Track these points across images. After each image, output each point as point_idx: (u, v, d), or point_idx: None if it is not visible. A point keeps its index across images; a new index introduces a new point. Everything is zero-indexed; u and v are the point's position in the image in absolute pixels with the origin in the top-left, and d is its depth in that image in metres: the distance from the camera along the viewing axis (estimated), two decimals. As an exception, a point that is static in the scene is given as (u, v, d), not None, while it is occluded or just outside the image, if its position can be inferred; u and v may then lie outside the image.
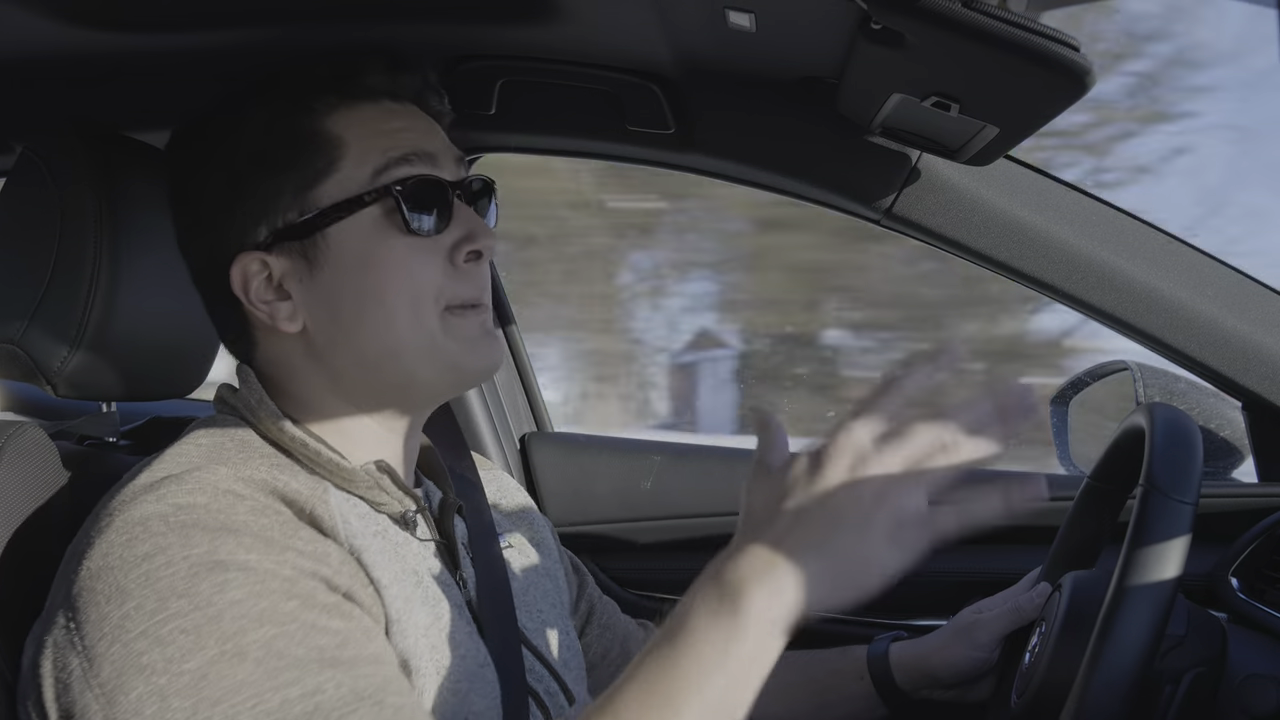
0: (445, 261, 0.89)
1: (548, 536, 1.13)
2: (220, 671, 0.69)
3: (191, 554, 0.73)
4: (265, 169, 0.88)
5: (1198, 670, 0.91)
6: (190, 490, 0.77)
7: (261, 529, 0.77)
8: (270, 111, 0.89)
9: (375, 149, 0.88)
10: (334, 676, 0.72)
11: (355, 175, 0.87)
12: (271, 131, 0.88)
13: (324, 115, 0.88)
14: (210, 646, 0.70)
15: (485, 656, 0.88)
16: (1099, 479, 1.10)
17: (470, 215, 0.91)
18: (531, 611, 1.00)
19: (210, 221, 0.90)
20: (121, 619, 0.71)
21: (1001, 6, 0.81)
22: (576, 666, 1.03)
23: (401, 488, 0.90)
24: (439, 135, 0.93)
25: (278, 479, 0.82)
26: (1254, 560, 1.17)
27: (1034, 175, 1.23)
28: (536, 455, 1.63)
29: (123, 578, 0.72)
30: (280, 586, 0.74)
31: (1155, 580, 0.81)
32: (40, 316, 0.96)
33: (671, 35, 1.06)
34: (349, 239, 0.87)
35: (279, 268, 0.88)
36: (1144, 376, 1.36)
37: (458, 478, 1.02)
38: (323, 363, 0.89)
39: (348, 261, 0.87)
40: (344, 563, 0.80)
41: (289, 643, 0.72)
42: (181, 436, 0.88)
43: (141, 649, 0.70)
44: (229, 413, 0.91)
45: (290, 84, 0.90)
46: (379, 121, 0.89)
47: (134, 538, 0.74)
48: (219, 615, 0.71)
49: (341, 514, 0.83)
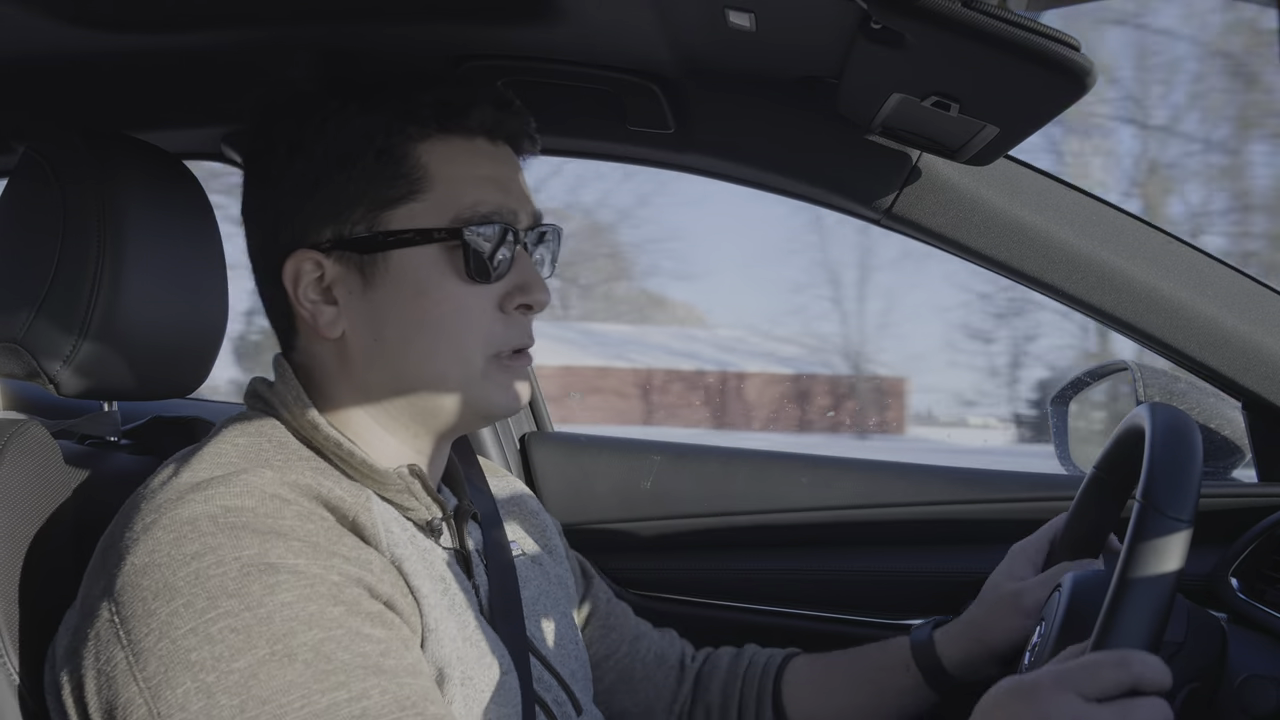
0: (495, 309, 0.90)
1: (557, 543, 1.13)
2: (270, 672, 0.71)
3: (243, 555, 0.74)
4: (348, 175, 0.88)
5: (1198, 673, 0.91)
6: (238, 493, 0.78)
7: (308, 534, 0.78)
8: (369, 121, 0.88)
9: (459, 197, 0.88)
10: (379, 683, 0.73)
11: (433, 213, 0.88)
12: (365, 141, 0.88)
13: (419, 141, 0.88)
14: (260, 646, 0.71)
15: (509, 663, 0.89)
16: (1103, 470, 1.10)
17: (528, 269, 0.91)
18: (540, 619, 1.01)
19: (278, 206, 0.90)
20: (170, 615, 0.72)
21: (1001, 6, 0.81)
22: (584, 676, 1.04)
23: (430, 494, 0.91)
24: (521, 182, 0.94)
25: (322, 484, 0.83)
26: (1254, 560, 1.17)
27: (1034, 175, 1.23)
28: (536, 455, 1.63)
29: (171, 575, 0.73)
30: (328, 591, 0.75)
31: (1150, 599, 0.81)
32: (43, 315, 0.96)
33: (671, 35, 1.06)
34: (409, 267, 0.87)
35: (333, 273, 0.88)
36: (1144, 376, 1.36)
37: (469, 481, 1.03)
38: (356, 374, 0.90)
39: (403, 288, 0.87)
40: (385, 571, 0.81)
41: (336, 647, 0.73)
42: (215, 434, 0.88)
43: (190, 645, 0.71)
44: (262, 408, 0.91)
45: (396, 100, 0.89)
46: (470, 164, 0.90)
47: (182, 536, 0.75)
48: (269, 616, 0.72)
49: (384, 522, 0.84)
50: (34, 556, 0.87)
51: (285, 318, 0.92)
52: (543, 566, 1.07)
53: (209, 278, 1.07)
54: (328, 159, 0.88)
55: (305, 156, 0.88)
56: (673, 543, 1.53)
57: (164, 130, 1.25)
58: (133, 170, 1.01)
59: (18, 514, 0.88)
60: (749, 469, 1.54)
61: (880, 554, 1.48)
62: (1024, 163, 1.23)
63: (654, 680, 1.18)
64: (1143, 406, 0.96)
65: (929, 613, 1.40)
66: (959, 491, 1.47)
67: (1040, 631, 1.01)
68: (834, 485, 1.51)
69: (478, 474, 1.06)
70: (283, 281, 0.89)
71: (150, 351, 1.02)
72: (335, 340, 0.89)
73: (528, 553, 1.06)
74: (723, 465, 1.55)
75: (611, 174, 13.14)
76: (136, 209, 0.99)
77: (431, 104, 0.89)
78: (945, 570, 1.42)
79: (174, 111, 1.26)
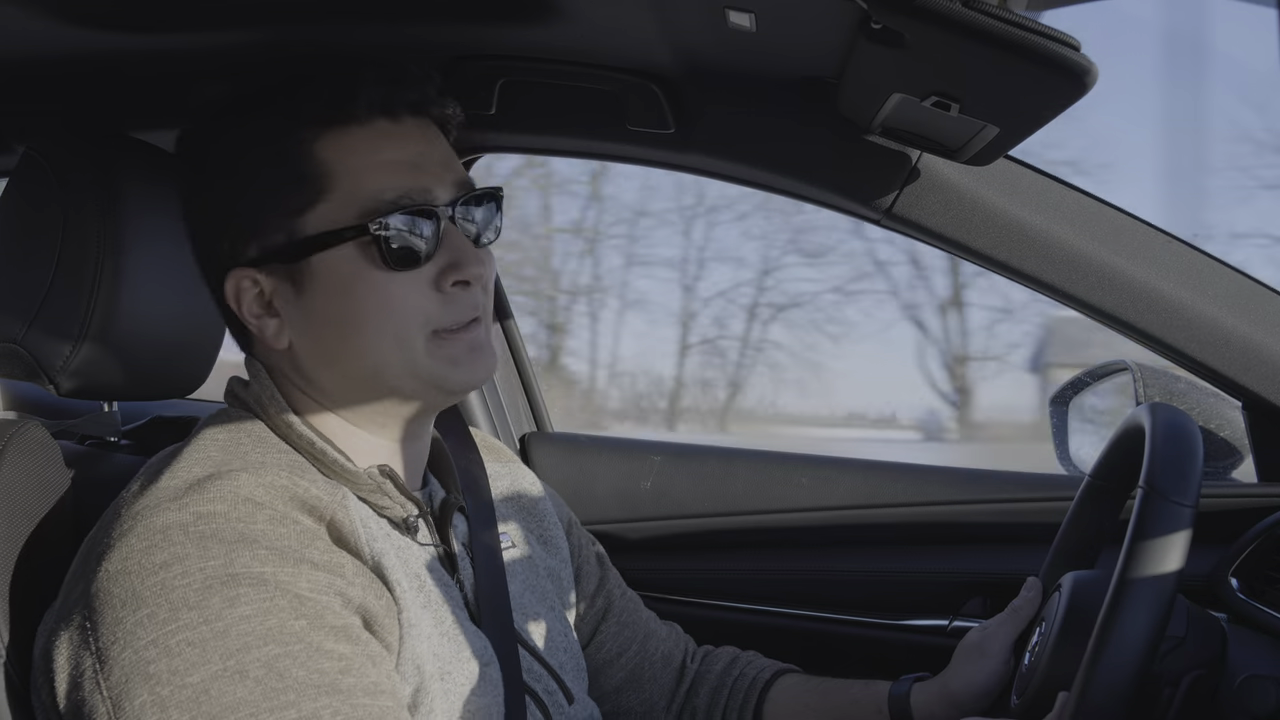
0: (430, 289, 0.88)
1: (556, 533, 1.12)
2: (221, 688, 0.70)
3: (207, 566, 0.74)
4: (255, 189, 0.88)
5: (1197, 673, 0.91)
6: (211, 499, 0.78)
7: (279, 539, 0.78)
8: (262, 131, 0.88)
9: (363, 188, 0.86)
10: (331, 704, 0.73)
11: (341, 211, 0.86)
12: (262, 152, 0.88)
13: (312, 142, 0.87)
14: (214, 661, 0.71)
15: (490, 655, 0.89)
16: (1100, 477, 1.10)
17: (459, 243, 0.89)
18: (526, 612, 1.00)
19: (206, 231, 0.91)
20: (135, 625, 0.72)
21: (1001, 6, 0.81)
22: (574, 667, 1.04)
23: (404, 492, 0.91)
24: (436, 153, 0.91)
25: (298, 484, 0.82)
26: (1254, 560, 1.17)
27: (1034, 175, 1.23)
28: (536, 455, 1.63)
29: (139, 584, 0.73)
30: (289, 604, 0.75)
31: (1155, 583, 0.81)
32: (43, 315, 0.96)
33: (671, 35, 1.06)
34: (331, 269, 0.87)
35: (268, 286, 0.89)
36: (1144, 376, 1.36)
37: (463, 472, 1.02)
38: (310, 378, 0.90)
39: (330, 290, 0.87)
40: (359, 574, 0.81)
41: (291, 663, 0.73)
42: (196, 433, 0.89)
43: (150, 657, 0.71)
44: (241, 407, 0.92)
45: (281, 104, 0.89)
46: (370, 151, 0.87)
47: (153, 545, 0.75)
48: (226, 631, 0.72)
49: (362, 520, 0.84)
50: (34, 557, 0.87)
51: (240, 332, 0.94)
52: (533, 559, 1.07)
53: (209, 278, 1.07)
54: (235, 174, 0.88)
55: (216, 174, 0.89)
56: (673, 543, 1.53)
57: (164, 130, 1.25)
58: (133, 170, 1.01)
59: (18, 514, 0.88)
60: (749, 469, 1.54)
61: (880, 554, 1.48)
62: (1024, 163, 1.23)
63: (659, 681, 1.18)
64: (1142, 407, 0.96)
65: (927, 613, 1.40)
66: (959, 491, 1.47)
67: (1040, 632, 1.01)
68: (834, 485, 1.51)
69: (476, 462, 1.05)
70: (226, 301, 0.90)
71: (150, 351, 1.02)
72: (284, 350, 0.90)
73: (517, 544, 1.06)
74: (723, 465, 1.55)
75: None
76: (136, 209, 0.99)
77: (315, 99, 0.88)
78: (945, 570, 1.42)
79: (174, 111, 1.25)
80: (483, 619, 0.92)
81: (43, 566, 0.88)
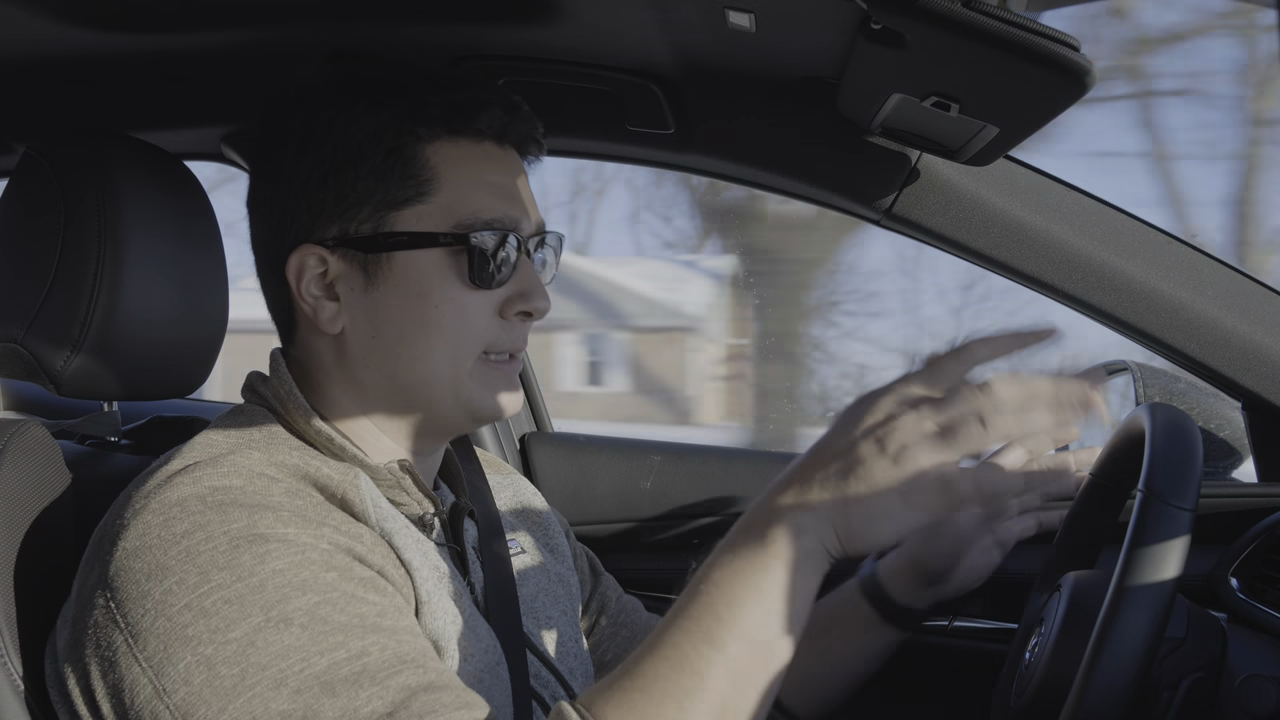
0: (495, 313, 0.90)
1: (561, 541, 1.13)
2: (267, 638, 0.71)
3: (231, 529, 0.75)
4: (355, 173, 0.88)
5: (1196, 676, 0.91)
6: (225, 473, 0.79)
7: (297, 508, 0.79)
8: (378, 120, 0.89)
9: (466, 202, 0.88)
10: (378, 640, 0.74)
11: (437, 217, 0.88)
12: (374, 140, 0.88)
13: (428, 143, 0.89)
14: (255, 615, 0.72)
15: (500, 656, 0.89)
16: (1100, 476, 1.10)
17: (531, 276, 0.92)
18: (539, 617, 1.01)
19: (285, 202, 0.91)
20: (164, 594, 0.73)
21: (1001, 6, 0.81)
22: (583, 673, 1.03)
23: (422, 489, 0.92)
24: (527, 189, 0.94)
25: (309, 464, 0.84)
26: (1254, 560, 1.17)
27: (1034, 175, 1.23)
28: (536, 455, 1.63)
29: (162, 555, 0.74)
30: (320, 558, 0.76)
31: (1153, 588, 0.81)
32: (43, 315, 0.96)
33: (671, 35, 1.06)
34: (413, 269, 0.88)
35: (336, 269, 0.89)
36: (1144, 376, 1.36)
37: (467, 480, 1.02)
38: (352, 370, 0.91)
39: (405, 289, 0.88)
40: (376, 544, 0.82)
41: (332, 609, 0.74)
42: (210, 425, 0.89)
43: (186, 621, 0.71)
44: (258, 403, 0.92)
45: (405, 100, 0.89)
46: (478, 167, 0.90)
47: (171, 518, 0.76)
48: (262, 585, 0.73)
49: (373, 498, 0.85)
50: (34, 556, 0.87)
51: (286, 311, 0.93)
52: (543, 564, 1.07)
53: (209, 278, 1.07)
54: (336, 157, 0.88)
55: (314, 153, 0.89)
56: (673, 543, 1.53)
57: (164, 130, 1.25)
58: (133, 170, 1.01)
59: (18, 514, 0.88)
60: (749, 469, 1.54)
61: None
62: (1024, 163, 1.23)
63: None
64: (1142, 407, 0.96)
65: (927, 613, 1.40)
66: None
67: (1040, 632, 1.01)
68: None
69: (477, 471, 1.06)
70: (286, 275, 0.89)
71: (150, 351, 1.02)
72: (334, 336, 0.90)
73: (527, 550, 1.06)
74: (723, 465, 1.55)
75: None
76: (136, 209, 0.99)
77: (440, 105, 0.89)
78: None
79: (174, 111, 1.26)
80: (493, 622, 0.92)
81: (43, 566, 0.88)
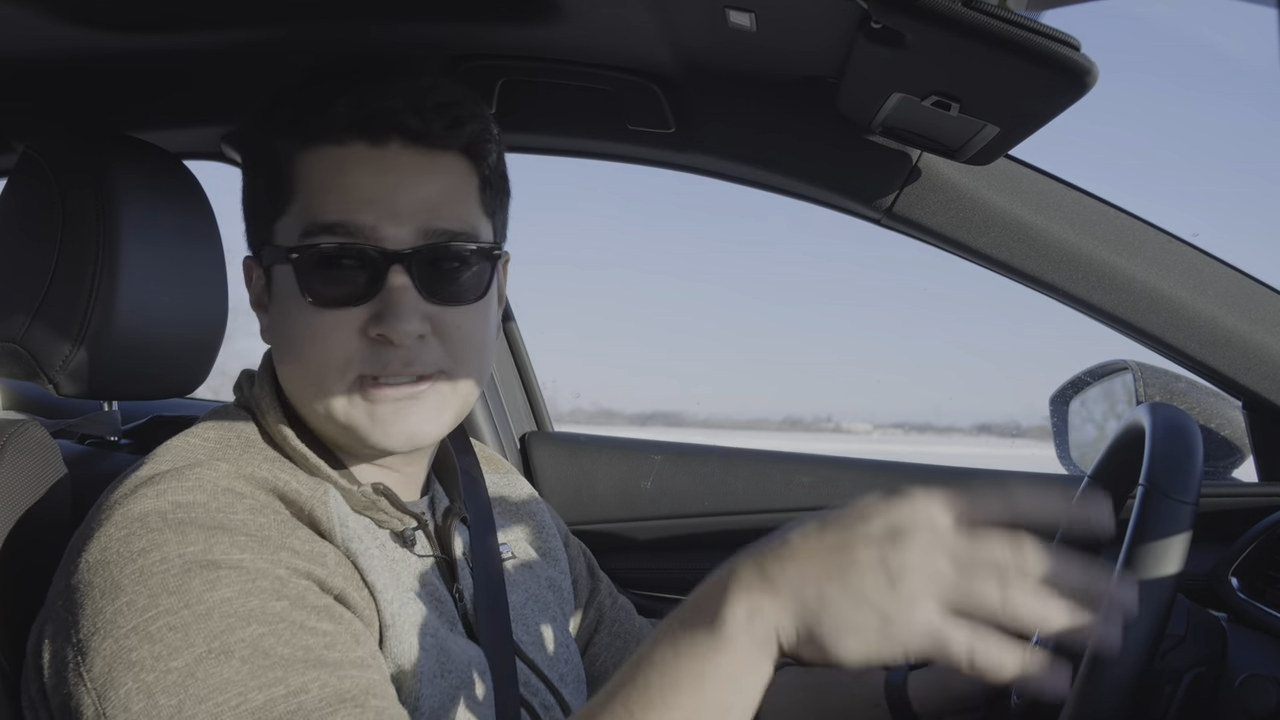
0: (358, 333, 0.83)
1: (557, 545, 1.11)
2: (207, 670, 0.69)
3: (186, 552, 0.73)
4: (250, 186, 0.91)
5: (1197, 671, 0.91)
6: (190, 488, 0.77)
7: (258, 528, 0.77)
8: (256, 129, 0.90)
9: (310, 210, 0.83)
10: (318, 677, 0.72)
11: (291, 228, 0.85)
12: (258, 155, 0.90)
13: (288, 155, 0.85)
14: (198, 644, 0.70)
15: (484, 666, 0.88)
16: (1099, 477, 1.10)
17: (389, 298, 0.81)
18: (529, 624, 0.99)
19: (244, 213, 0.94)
20: (114, 614, 0.71)
21: (1001, 6, 0.81)
22: (574, 680, 1.03)
23: (399, 508, 0.89)
24: (414, 191, 0.83)
25: (279, 477, 0.82)
26: (1254, 560, 1.17)
27: (1034, 175, 1.23)
28: (536, 455, 1.63)
29: (118, 573, 0.73)
30: (271, 586, 0.74)
31: (1155, 580, 0.81)
32: (42, 315, 0.96)
33: (671, 35, 1.06)
34: (279, 286, 0.87)
35: (259, 284, 0.90)
36: (1144, 376, 1.36)
37: (462, 473, 1.02)
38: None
39: (277, 307, 0.88)
40: (340, 564, 0.80)
41: (276, 641, 0.72)
42: (191, 426, 0.88)
43: (132, 645, 0.70)
44: (242, 404, 0.91)
45: (265, 115, 0.88)
46: (332, 172, 0.82)
47: (131, 533, 0.74)
48: (208, 613, 0.71)
49: (340, 516, 0.82)
50: (32, 555, 0.87)
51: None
52: (533, 569, 1.06)
53: (208, 277, 1.07)
54: (247, 170, 0.92)
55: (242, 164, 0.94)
56: (673, 543, 1.53)
57: (164, 130, 1.25)
58: (133, 170, 1.01)
59: (17, 514, 0.88)
60: (749, 469, 1.53)
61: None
62: (1024, 162, 1.23)
63: None
64: (1142, 406, 0.96)
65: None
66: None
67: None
68: (834, 485, 1.51)
69: (473, 463, 1.04)
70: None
71: (149, 351, 1.02)
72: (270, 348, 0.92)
73: (519, 555, 1.04)
74: (723, 465, 1.55)
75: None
76: (136, 209, 0.99)
77: (289, 111, 0.85)
78: None
79: (174, 111, 1.26)
80: (480, 629, 0.91)
81: (41, 565, 0.88)
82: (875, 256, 19.67)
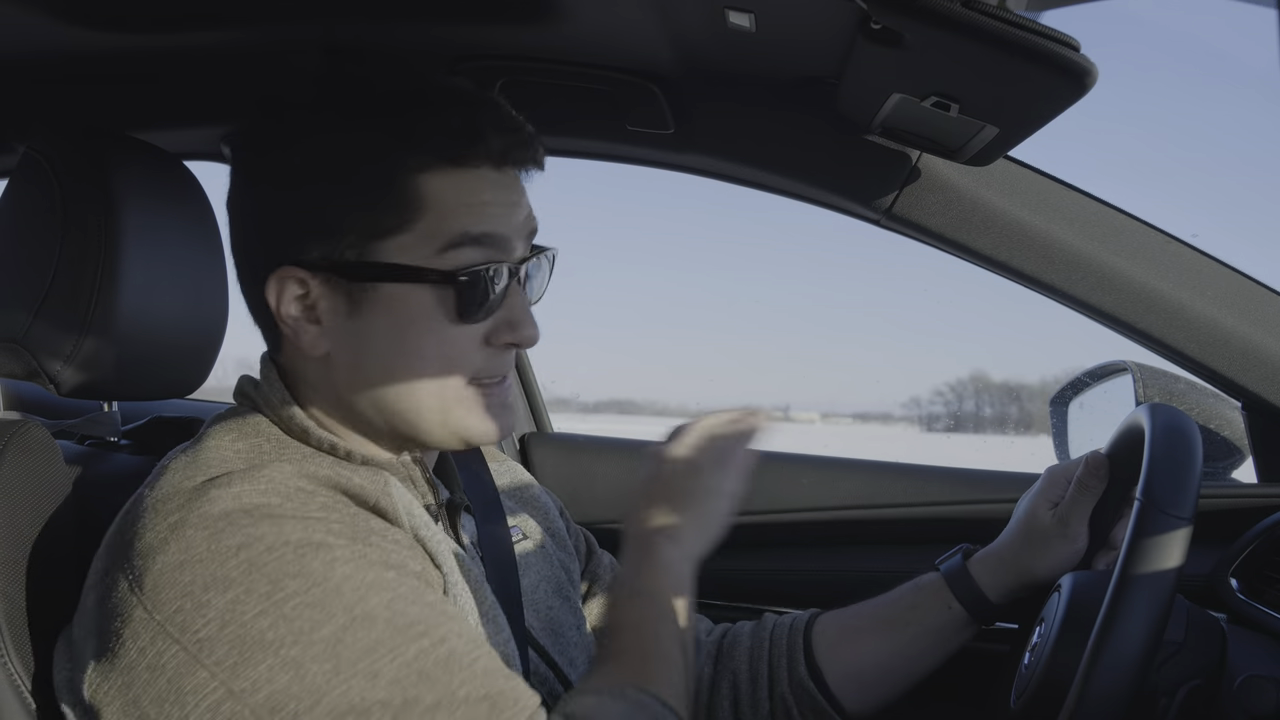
0: (481, 342, 0.87)
1: (559, 523, 1.13)
2: (354, 636, 0.73)
3: (291, 539, 0.75)
4: (340, 196, 0.83)
5: (1194, 683, 0.91)
6: (263, 490, 0.78)
7: (337, 520, 0.79)
8: (367, 140, 0.84)
9: (451, 225, 0.83)
10: (454, 627, 0.77)
11: (423, 245, 0.83)
12: (361, 161, 0.84)
13: (419, 172, 0.83)
14: (338, 615, 0.73)
15: (513, 650, 0.90)
16: None
17: (520, 305, 0.88)
18: (541, 607, 1.01)
19: (264, 211, 0.87)
20: (230, 604, 0.72)
21: (1001, 6, 0.82)
22: (585, 663, 1.03)
23: (428, 482, 0.92)
24: (524, 207, 0.89)
25: (339, 474, 0.83)
26: (1254, 560, 1.17)
27: (1034, 175, 1.23)
28: (536, 455, 1.63)
29: (219, 568, 0.73)
30: (379, 557, 0.78)
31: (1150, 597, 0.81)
32: (43, 315, 0.96)
33: (671, 35, 1.06)
34: (398, 301, 0.84)
35: (317, 294, 0.85)
36: (1144, 376, 1.36)
37: (465, 470, 1.02)
38: (339, 392, 0.88)
39: (390, 320, 0.84)
40: (412, 548, 0.83)
41: (406, 604, 0.76)
42: (206, 432, 0.87)
43: (264, 626, 0.72)
44: (251, 406, 0.90)
45: (398, 124, 0.84)
46: (468, 193, 0.84)
47: (218, 532, 0.75)
48: (338, 588, 0.74)
49: (405, 504, 0.85)
50: (34, 557, 0.87)
51: (269, 327, 0.90)
52: (545, 551, 1.07)
53: (209, 278, 1.07)
54: (321, 172, 0.84)
55: (299, 164, 0.85)
56: (673, 543, 1.53)
57: (164, 130, 1.25)
58: (133, 170, 1.01)
59: (18, 514, 0.88)
60: None
61: (882, 554, 1.48)
62: (1024, 163, 1.23)
63: None
64: (1142, 407, 0.96)
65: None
66: (959, 492, 1.47)
67: (1040, 632, 1.01)
68: (835, 485, 1.51)
69: (477, 458, 1.05)
70: (265, 294, 0.86)
71: (150, 351, 1.02)
72: (319, 359, 0.87)
73: (530, 537, 1.06)
74: None
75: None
76: (137, 209, 0.99)
77: (434, 133, 0.84)
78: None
79: (174, 111, 1.26)
80: None
81: (43, 566, 0.88)
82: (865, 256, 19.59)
